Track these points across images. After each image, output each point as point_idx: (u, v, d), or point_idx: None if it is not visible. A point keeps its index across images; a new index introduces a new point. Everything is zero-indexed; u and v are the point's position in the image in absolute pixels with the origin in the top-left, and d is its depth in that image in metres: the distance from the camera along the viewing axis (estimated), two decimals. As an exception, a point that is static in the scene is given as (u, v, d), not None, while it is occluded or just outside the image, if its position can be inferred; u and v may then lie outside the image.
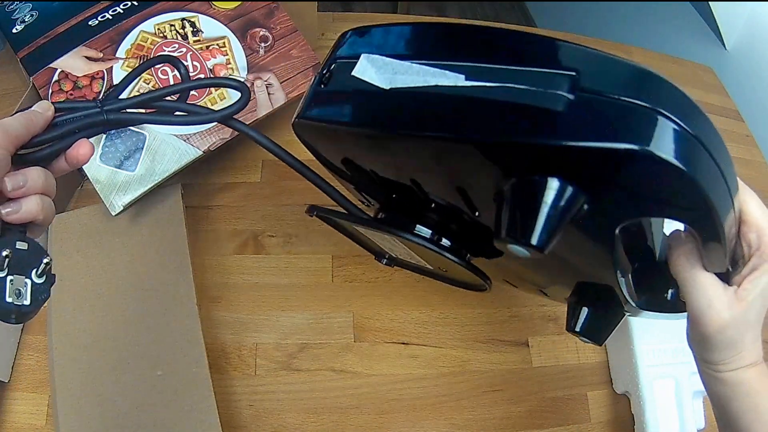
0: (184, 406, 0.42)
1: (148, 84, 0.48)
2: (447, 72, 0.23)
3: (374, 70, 0.25)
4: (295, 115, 0.30)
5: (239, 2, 0.54)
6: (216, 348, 0.47)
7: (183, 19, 0.52)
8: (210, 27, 0.52)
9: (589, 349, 0.53)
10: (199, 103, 0.49)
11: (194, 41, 0.51)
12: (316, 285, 0.52)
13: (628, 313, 0.36)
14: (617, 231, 0.25)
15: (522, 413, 0.48)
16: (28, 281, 0.25)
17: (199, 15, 0.52)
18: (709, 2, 0.94)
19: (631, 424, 0.48)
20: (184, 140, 0.49)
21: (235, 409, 0.45)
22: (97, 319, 0.44)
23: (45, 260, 0.26)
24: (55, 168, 0.29)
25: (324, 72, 0.28)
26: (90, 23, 0.49)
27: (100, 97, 0.44)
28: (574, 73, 0.21)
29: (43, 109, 0.29)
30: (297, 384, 0.47)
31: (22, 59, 0.47)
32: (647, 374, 0.47)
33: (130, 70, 0.48)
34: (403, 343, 0.50)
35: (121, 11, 0.50)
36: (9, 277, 0.25)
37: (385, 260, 0.40)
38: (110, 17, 0.50)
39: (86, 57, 0.48)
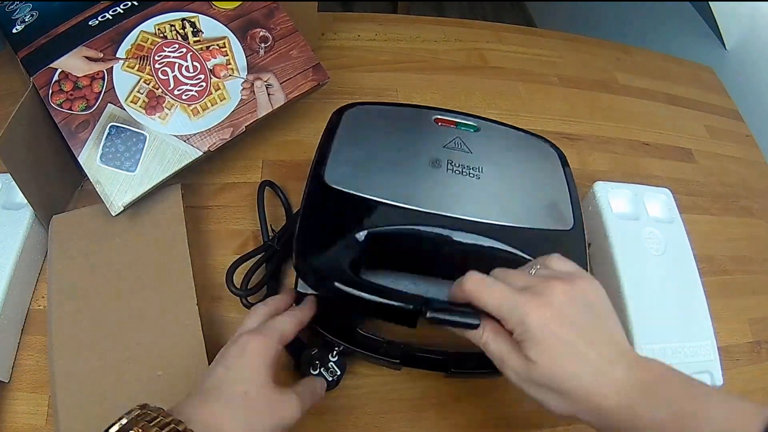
0: (184, 406, 0.42)
1: (148, 84, 0.48)
2: None
3: None
4: None
5: (239, 2, 0.54)
6: (216, 348, 0.46)
7: (183, 20, 0.52)
8: (210, 27, 0.52)
9: (589, 349, 0.52)
10: (199, 104, 0.50)
11: (194, 41, 0.51)
12: (316, 285, 0.51)
13: None
14: None
15: (522, 413, 0.48)
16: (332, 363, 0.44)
17: (200, 15, 0.52)
18: (709, 2, 0.94)
19: (631, 424, 0.48)
20: (184, 140, 0.49)
21: (235, 409, 0.45)
22: (97, 319, 0.44)
23: (334, 350, 0.44)
24: None
25: None
26: (90, 23, 0.49)
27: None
28: None
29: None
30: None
31: (22, 59, 0.47)
32: (647, 374, 0.47)
33: (130, 70, 0.48)
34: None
35: (122, 11, 0.50)
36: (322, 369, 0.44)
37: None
38: (110, 17, 0.50)
39: (86, 57, 0.48)
